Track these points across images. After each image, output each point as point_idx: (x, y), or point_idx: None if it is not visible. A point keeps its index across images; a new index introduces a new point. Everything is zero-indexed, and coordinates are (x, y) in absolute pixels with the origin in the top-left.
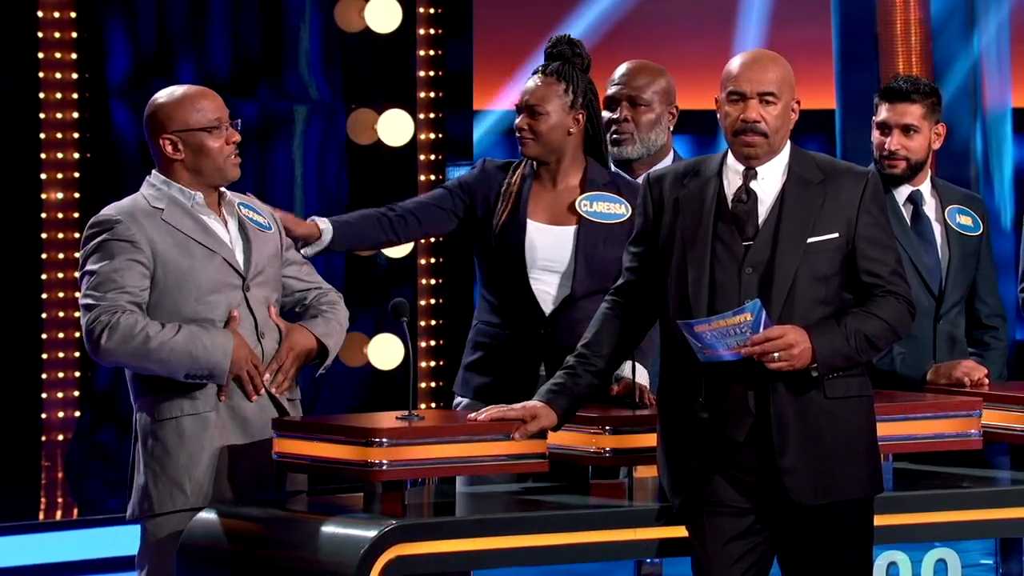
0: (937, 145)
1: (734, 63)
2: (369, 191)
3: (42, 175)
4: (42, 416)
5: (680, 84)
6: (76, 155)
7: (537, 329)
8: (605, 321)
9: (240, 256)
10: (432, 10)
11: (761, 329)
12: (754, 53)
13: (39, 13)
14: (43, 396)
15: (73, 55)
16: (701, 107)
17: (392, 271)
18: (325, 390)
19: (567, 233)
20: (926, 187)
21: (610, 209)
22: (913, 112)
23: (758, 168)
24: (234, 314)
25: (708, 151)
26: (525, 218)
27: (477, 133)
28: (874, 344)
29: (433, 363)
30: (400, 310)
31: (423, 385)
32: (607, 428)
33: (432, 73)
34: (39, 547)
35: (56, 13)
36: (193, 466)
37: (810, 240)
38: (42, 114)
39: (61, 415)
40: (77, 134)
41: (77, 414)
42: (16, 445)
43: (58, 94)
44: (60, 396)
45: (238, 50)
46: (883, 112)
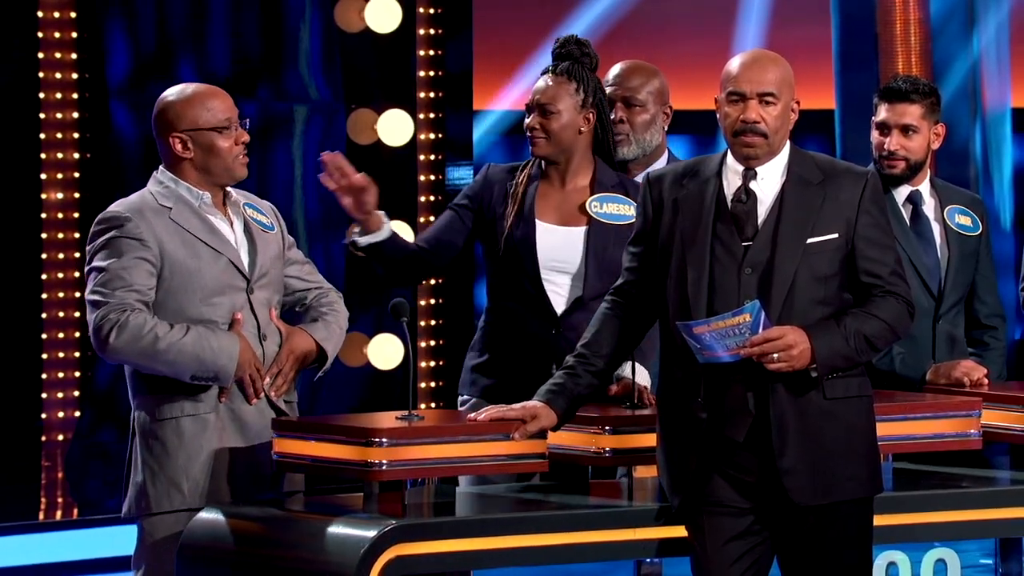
0: (936, 145)
1: (734, 63)
2: None
3: (42, 175)
4: (42, 416)
5: (680, 84)
6: (76, 155)
7: (549, 329)
8: (605, 321)
9: (245, 258)
10: (432, 10)
11: (760, 330)
12: (754, 53)
13: (39, 13)
14: (43, 396)
15: (73, 55)
16: (700, 107)
17: None
18: (325, 390)
19: (577, 234)
20: (925, 187)
21: (619, 210)
22: (912, 112)
23: (757, 168)
24: (238, 316)
25: (707, 151)
26: (534, 218)
27: (477, 133)
28: (874, 344)
29: (433, 363)
30: (400, 310)
31: (423, 385)
32: (607, 428)
33: (432, 73)
34: (39, 547)
35: (56, 13)
36: (191, 466)
37: (809, 240)
38: (42, 114)
39: (61, 415)
40: (77, 134)
41: (77, 414)
42: (16, 445)
43: (58, 94)
44: (60, 396)
45: (238, 50)
46: (882, 112)
